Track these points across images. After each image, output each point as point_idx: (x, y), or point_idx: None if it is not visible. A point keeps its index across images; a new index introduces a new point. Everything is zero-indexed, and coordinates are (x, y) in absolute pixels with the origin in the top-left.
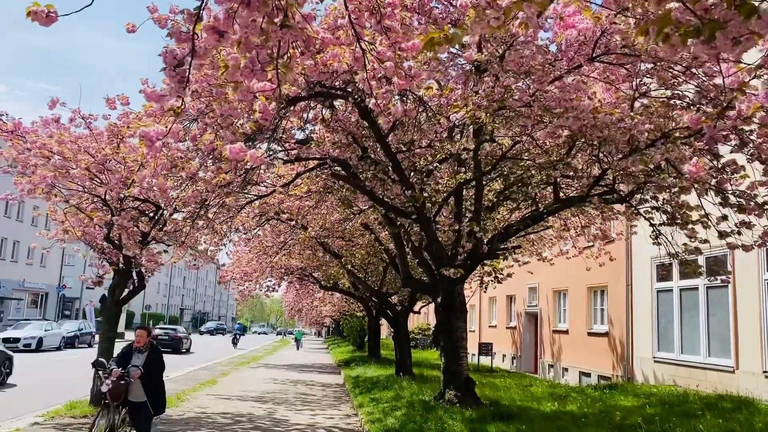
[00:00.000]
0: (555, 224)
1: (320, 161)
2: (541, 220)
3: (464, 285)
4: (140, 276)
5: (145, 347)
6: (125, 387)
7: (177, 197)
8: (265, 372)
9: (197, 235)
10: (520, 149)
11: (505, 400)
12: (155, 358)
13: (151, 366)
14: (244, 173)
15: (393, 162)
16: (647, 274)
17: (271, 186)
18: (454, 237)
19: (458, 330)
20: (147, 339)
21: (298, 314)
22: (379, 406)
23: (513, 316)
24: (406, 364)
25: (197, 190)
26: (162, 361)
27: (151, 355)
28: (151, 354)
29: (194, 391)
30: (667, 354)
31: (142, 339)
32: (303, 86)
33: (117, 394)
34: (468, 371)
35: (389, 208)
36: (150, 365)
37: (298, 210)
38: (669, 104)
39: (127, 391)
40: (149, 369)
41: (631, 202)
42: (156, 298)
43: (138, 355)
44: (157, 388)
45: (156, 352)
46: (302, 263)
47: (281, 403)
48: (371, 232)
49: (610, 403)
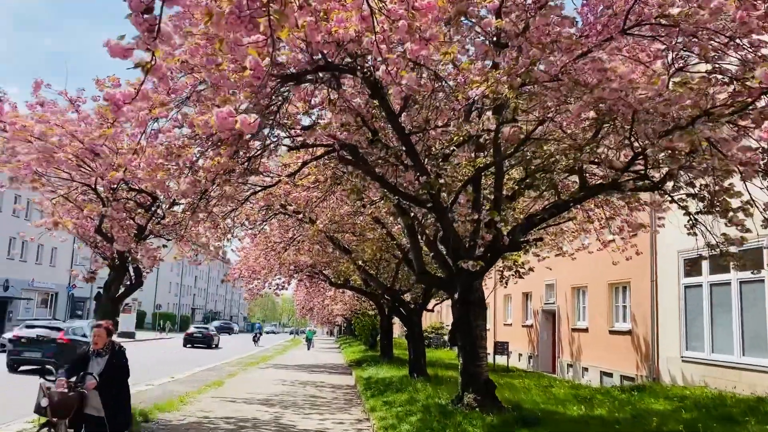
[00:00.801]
0: (578, 215)
1: (327, 148)
2: (567, 210)
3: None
4: (138, 272)
5: (105, 349)
6: (75, 400)
7: (175, 187)
8: (274, 373)
9: (199, 229)
10: (544, 131)
11: (527, 404)
12: (118, 363)
13: (112, 372)
14: (247, 161)
15: (406, 145)
16: (674, 269)
17: (276, 176)
18: (472, 228)
19: (477, 328)
20: (107, 339)
21: (309, 313)
22: (392, 411)
23: (529, 314)
24: (420, 364)
25: (196, 179)
26: (126, 367)
27: (113, 359)
28: (112, 358)
29: (199, 393)
30: (697, 353)
31: (100, 339)
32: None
33: (64, 408)
34: (488, 373)
35: (402, 196)
36: (111, 371)
37: (305, 202)
38: (709, 80)
39: (83, 405)
40: (110, 376)
41: (664, 189)
42: (167, 298)
43: (97, 360)
44: (118, 401)
45: (119, 355)
46: (311, 259)
47: (289, 407)
48: (383, 226)
49: (641, 406)
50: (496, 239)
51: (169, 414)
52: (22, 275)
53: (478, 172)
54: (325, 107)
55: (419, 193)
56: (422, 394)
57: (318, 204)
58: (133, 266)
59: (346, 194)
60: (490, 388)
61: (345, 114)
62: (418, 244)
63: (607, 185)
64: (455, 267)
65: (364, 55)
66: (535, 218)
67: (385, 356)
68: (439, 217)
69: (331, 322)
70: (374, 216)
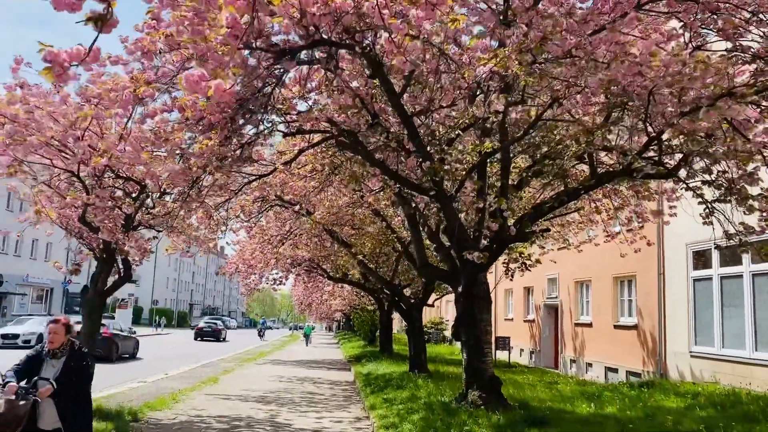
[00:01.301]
0: (586, 206)
1: (325, 134)
2: (577, 198)
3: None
4: (127, 264)
5: (62, 350)
6: (26, 409)
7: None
8: (271, 369)
9: (191, 220)
10: (553, 115)
11: (534, 401)
12: (77, 366)
13: (70, 377)
14: (240, 148)
15: (408, 128)
16: (682, 262)
17: (271, 164)
18: (477, 218)
19: (482, 322)
20: (65, 338)
21: (308, 309)
22: (393, 408)
23: (531, 309)
24: (421, 360)
25: (187, 166)
26: (87, 370)
27: (71, 362)
28: (71, 359)
29: (193, 390)
30: (706, 348)
31: (57, 338)
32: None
33: (11, 419)
34: (493, 369)
35: (404, 183)
36: (69, 376)
37: (302, 192)
38: (729, 58)
39: (34, 416)
40: (68, 381)
41: (678, 176)
42: (164, 293)
43: (51, 362)
44: (76, 410)
45: (78, 357)
46: (309, 253)
47: (285, 404)
48: (382, 218)
49: (652, 404)
50: (502, 229)
51: (160, 412)
52: (16, 270)
53: (484, 159)
54: (322, 91)
55: (422, 181)
56: (423, 390)
57: (315, 194)
58: (122, 258)
59: (344, 183)
60: (495, 385)
61: (343, 95)
62: (420, 236)
63: (619, 172)
64: (459, 259)
65: (363, 31)
66: (544, 207)
67: (385, 351)
68: (442, 205)
69: (329, 317)
70: (373, 208)
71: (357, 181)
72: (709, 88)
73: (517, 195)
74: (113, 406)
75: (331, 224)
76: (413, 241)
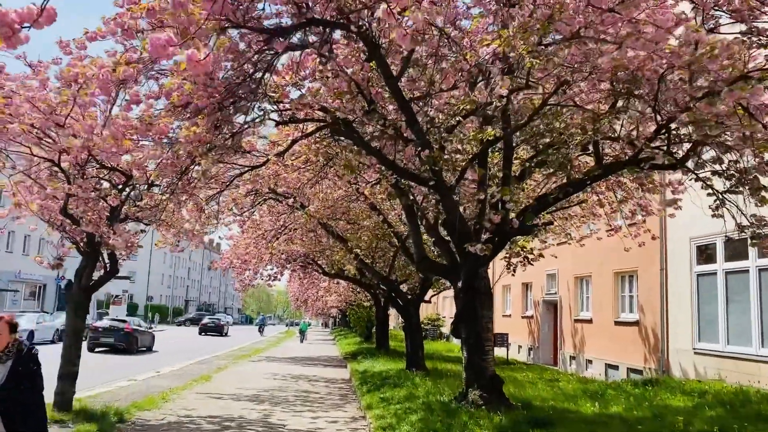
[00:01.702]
0: (589, 199)
1: (319, 123)
2: (583, 188)
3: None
4: (113, 259)
5: (7, 352)
6: None
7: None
8: (266, 366)
9: (182, 213)
10: (558, 101)
11: (536, 400)
12: (26, 371)
13: (18, 382)
14: (231, 137)
15: (406, 114)
16: (685, 257)
17: (264, 155)
18: (478, 210)
19: (483, 318)
20: (10, 338)
21: (303, 305)
22: (390, 408)
23: (529, 305)
24: (418, 357)
25: (175, 153)
26: (36, 374)
27: (19, 366)
28: (18, 364)
29: (184, 389)
30: (710, 345)
31: (1, 338)
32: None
33: None
34: (494, 367)
35: (401, 173)
36: (16, 382)
37: (297, 186)
38: (743, 41)
39: None
40: (15, 388)
41: (687, 166)
42: (159, 290)
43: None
44: (26, 415)
45: (26, 360)
46: (304, 248)
47: (279, 404)
48: (379, 212)
49: (658, 402)
50: (504, 222)
51: (149, 413)
52: (8, 266)
53: (485, 148)
54: (316, 78)
55: (420, 171)
56: (422, 389)
57: (310, 186)
58: (108, 252)
59: (339, 174)
60: (496, 384)
61: (338, 80)
62: (418, 229)
63: (626, 162)
64: (459, 252)
65: (358, 11)
66: (549, 198)
67: (381, 348)
68: (442, 196)
69: (325, 313)
70: (370, 202)
71: (353, 171)
72: (727, 70)
73: (519, 186)
74: (99, 406)
75: (326, 218)
76: (411, 235)
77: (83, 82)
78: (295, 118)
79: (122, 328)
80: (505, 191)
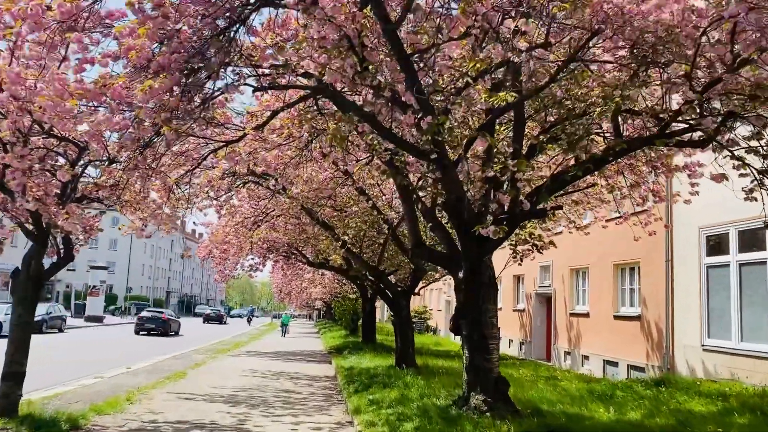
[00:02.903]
0: (600, 182)
1: (304, 89)
2: (604, 166)
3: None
4: (68, 243)
5: None
6: None
7: (94, 125)
8: (245, 361)
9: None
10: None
11: (542, 403)
12: None
13: None
14: (202, 104)
15: (405, 69)
16: (694, 247)
17: (241, 128)
18: (483, 191)
19: (487, 313)
20: None
21: (287, 297)
22: (381, 413)
23: (521, 298)
24: (409, 353)
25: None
26: None
27: None
28: None
29: (154, 387)
30: (721, 342)
31: None
32: None
33: None
34: (499, 368)
35: (399, 144)
36: None
37: (278, 166)
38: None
39: None
40: None
41: (719, 142)
42: (140, 280)
43: None
44: None
45: None
46: (287, 237)
47: (257, 405)
48: (368, 198)
49: (675, 406)
50: (514, 203)
51: (109, 417)
52: None
53: (493, 119)
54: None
55: (420, 143)
56: (415, 390)
57: (293, 167)
58: (63, 236)
59: (325, 151)
60: (502, 388)
61: (325, 27)
62: (414, 212)
63: (654, 135)
64: (461, 239)
65: None
66: (567, 176)
67: (368, 342)
68: (444, 173)
69: (309, 306)
70: (358, 186)
71: (342, 142)
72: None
73: (529, 164)
74: (50, 410)
75: (311, 203)
76: (406, 219)
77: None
78: (276, 84)
79: (160, 317)
80: (521, 164)
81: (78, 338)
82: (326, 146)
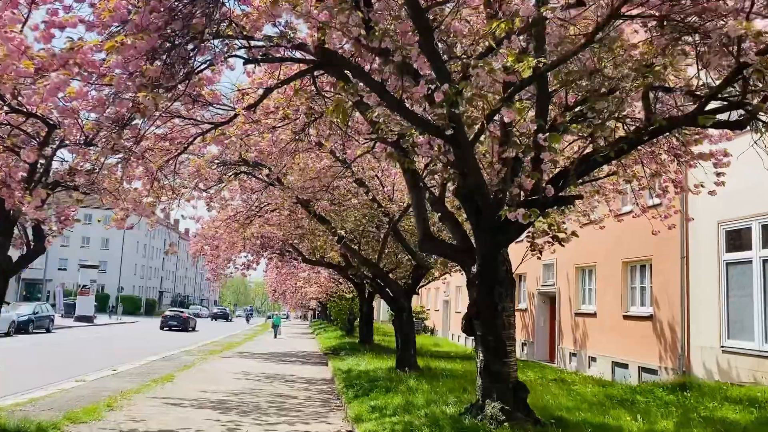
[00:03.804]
0: (620, 171)
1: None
2: (638, 146)
3: None
4: (38, 233)
5: None
6: None
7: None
8: (237, 363)
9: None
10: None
11: (561, 410)
12: None
13: None
14: (186, 76)
15: (419, 26)
16: (712, 243)
17: (231, 108)
18: (502, 175)
19: (504, 312)
20: None
21: (282, 297)
22: (384, 422)
23: (523, 297)
24: (410, 355)
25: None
26: None
27: None
28: None
29: (138, 392)
30: (743, 343)
31: None
32: None
33: None
34: (517, 372)
35: (410, 118)
36: None
37: (271, 151)
38: None
39: None
40: None
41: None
42: (132, 280)
43: None
44: None
45: None
46: (282, 232)
47: (249, 412)
48: (367, 190)
49: (707, 414)
50: (537, 188)
51: (84, 426)
52: None
53: (513, 93)
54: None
55: (434, 117)
56: (420, 396)
57: (289, 152)
58: (32, 226)
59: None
60: (521, 395)
61: None
62: (422, 200)
63: (693, 113)
64: (476, 230)
65: None
66: (597, 158)
67: (365, 343)
68: (461, 152)
69: (304, 306)
70: (357, 178)
71: (344, 116)
72: None
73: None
74: (17, 418)
75: (306, 194)
76: (414, 208)
77: None
78: (269, 57)
79: (181, 315)
80: (555, 138)
81: (64, 339)
82: (324, 131)
